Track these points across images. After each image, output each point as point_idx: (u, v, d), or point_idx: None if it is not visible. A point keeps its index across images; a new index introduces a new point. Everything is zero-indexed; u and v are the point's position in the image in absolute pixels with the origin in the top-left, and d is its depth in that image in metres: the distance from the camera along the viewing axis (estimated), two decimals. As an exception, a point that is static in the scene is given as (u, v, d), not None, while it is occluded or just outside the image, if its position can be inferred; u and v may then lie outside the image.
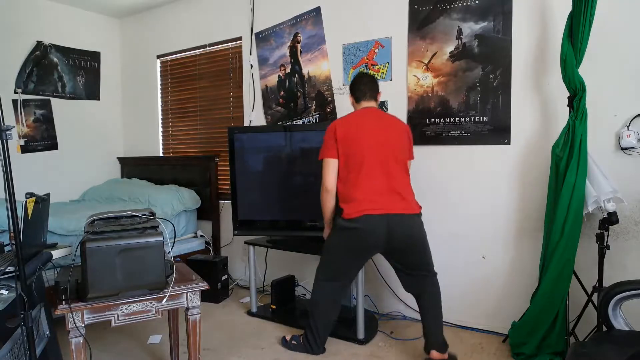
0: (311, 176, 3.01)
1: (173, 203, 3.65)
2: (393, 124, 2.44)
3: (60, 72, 4.16)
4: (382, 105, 3.09)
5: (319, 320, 2.51)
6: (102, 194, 4.06)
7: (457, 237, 2.87)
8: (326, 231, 2.54)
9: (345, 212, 2.31)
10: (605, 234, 2.23)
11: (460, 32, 2.79)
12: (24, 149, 3.91)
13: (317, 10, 3.32)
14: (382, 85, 3.08)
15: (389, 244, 2.31)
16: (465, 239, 2.85)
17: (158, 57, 4.38)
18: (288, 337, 2.64)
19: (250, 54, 3.70)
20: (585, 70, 2.26)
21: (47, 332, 1.87)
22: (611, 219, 2.19)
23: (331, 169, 2.38)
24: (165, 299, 1.97)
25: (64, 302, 1.79)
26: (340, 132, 2.36)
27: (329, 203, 2.42)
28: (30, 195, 1.76)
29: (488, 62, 2.71)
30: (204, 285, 2.08)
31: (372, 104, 2.48)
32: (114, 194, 3.97)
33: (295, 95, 3.50)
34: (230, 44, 3.87)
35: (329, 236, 2.48)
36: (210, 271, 3.41)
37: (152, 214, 2.13)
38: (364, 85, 2.48)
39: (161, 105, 4.45)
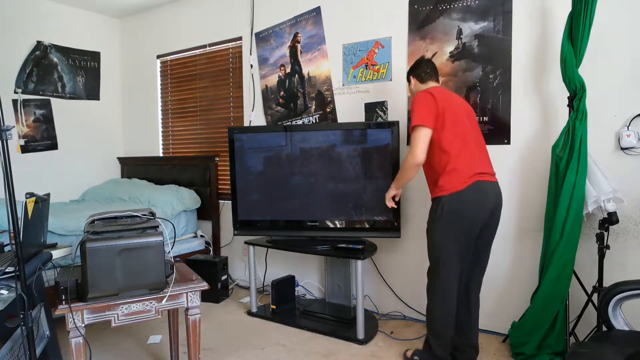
0: (311, 176, 3.02)
1: (173, 203, 3.65)
2: (467, 105, 2.40)
3: (60, 72, 4.16)
4: (382, 105, 3.09)
5: (440, 331, 2.24)
6: (102, 194, 4.06)
7: (457, 237, 2.87)
8: (392, 191, 2.45)
9: (450, 186, 2.13)
10: (605, 234, 2.23)
11: (460, 32, 2.79)
12: (24, 149, 3.91)
13: (317, 10, 3.32)
14: (382, 85, 3.09)
15: (493, 215, 2.22)
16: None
17: (158, 57, 4.38)
18: (409, 353, 2.41)
19: (250, 54, 3.70)
20: (585, 70, 2.26)
21: (47, 332, 1.87)
22: (611, 219, 2.19)
23: (426, 138, 2.17)
24: (165, 299, 1.97)
25: (64, 302, 1.80)
26: (439, 101, 2.18)
27: (413, 175, 2.29)
28: (30, 195, 1.76)
29: (488, 62, 2.71)
30: (204, 285, 2.08)
31: (438, 84, 2.44)
32: (114, 194, 3.97)
33: (295, 95, 3.50)
34: (230, 44, 3.87)
35: (432, 227, 2.24)
36: (210, 271, 3.41)
37: (152, 214, 2.13)
38: (429, 68, 2.42)
39: (161, 105, 4.45)
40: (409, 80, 2.49)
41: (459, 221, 2.16)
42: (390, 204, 2.51)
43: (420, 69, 2.42)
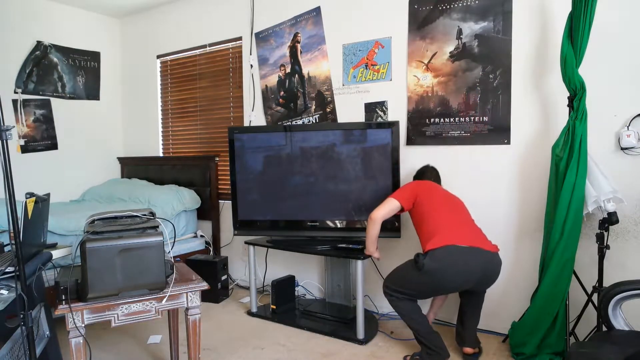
0: (311, 176, 3.02)
1: (173, 203, 3.65)
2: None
3: (60, 72, 4.16)
4: (382, 105, 3.09)
5: (425, 330, 2.40)
6: (102, 194, 4.06)
7: (457, 237, 2.87)
8: (368, 253, 2.72)
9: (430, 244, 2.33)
10: (605, 234, 2.23)
11: (460, 32, 2.79)
12: (24, 149, 3.91)
13: (317, 10, 3.32)
14: (382, 85, 3.09)
15: (481, 279, 2.37)
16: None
17: (158, 57, 4.38)
18: (408, 358, 2.49)
19: (250, 54, 3.70)
20: (585, 70, 2.26)
21: (47, 332, 1.86)
22: (611, 219, 2.19)
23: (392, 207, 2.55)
24: (165, 299, 1.97)
25: (64, 302, 1.79)
26: (419, 188, 2.55)
27: (374, 230, 2.64)
28: (30, 195, 1.76)
29: (488, 62, 2.71)
30: (204, 285, 2.08)
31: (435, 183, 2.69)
32: (114, 194, 3.97)
33: (295, 95, 3.50)
34: (230, 44, 3.87)
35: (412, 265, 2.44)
36: (210, 271, 3.41)
37: (152, 214, 2.13)
38: (433, 177, 2.73)
39: (161, 105, 4.45)
40: None
41: (436, 278, 2.28)
42: (377, 255, 2.71)
43: (421, 175, 2.75)
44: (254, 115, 3.72)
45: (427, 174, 2.75)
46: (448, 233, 2.31)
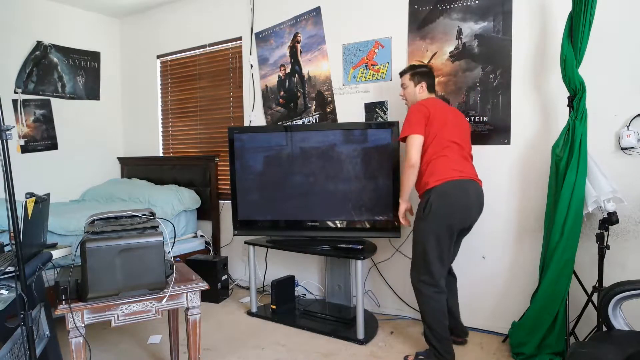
0: (311, 176, 3.02)
1: (173, 203, 3.65)
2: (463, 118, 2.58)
3: (60, 72, 4.16)
4: (382, 105, 3.09)
5: (441, 334, 2.34)
6: (102, 194, 4.06)
7: (457, 237, 2.87)
8: (402, 206, 2.52)
9: (434, 180, 2.30)
10: (605, 234, 2.23)
11: (460, 32, 2.79)
12: (24, 149, 3.91)
13: (317, 10, 3.32)
14: (382, 85, 3.09)
15: (476, 213, 2.40)
16: (465, 239, 2.84)
17: (158, 57, 4.38)
18: (411, 359, 2.44)
19: (250, 54, 3.70)
20: (585, 70, 2.26)
21: (47, 332, 1.86)
22: (611, 219, 2.19)
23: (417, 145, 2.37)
24: (165, 299, 1.97)
25: (64, 302, 1.80)
26: (431, 112, 2.38)
27: (413, 177, 2.41)
28: (30, 195, 1.76)
29: (488, 62, 2.71)
30: (204, 285, 2.08)
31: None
32: (114, 194, 3.97)
33: (295, 95, 3.50)
34: (230, 44, 3.87)
35: (420, 225, 2.37)
36: (210, 271, 3.41)
37: (152, 214, 2.13)
38: (433, 81, 2.60)
39: (161, 105, 4.45)
40: (416, 82, 2.54)
41: (445, 215, 2.30)
42: (404, 221, 2.57)
43: (431, 80, 2.58)
44: (254, 115, 3.72)
45: (434, 83, 2.60)
46: (451, 165, 2.31)
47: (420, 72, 2.55)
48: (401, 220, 2.56)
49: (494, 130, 2.72)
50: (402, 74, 2.61)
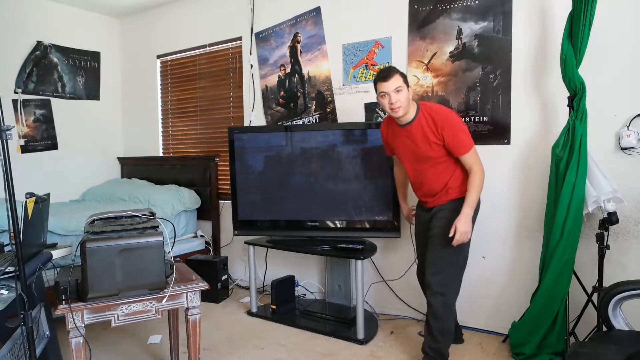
0: (311, 176, 3.02)
1: (173, 203, 3.65)
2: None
3: (60, 72, 4.16)
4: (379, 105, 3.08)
5: (447, 339, 2.34)
6: (102, 194, 4.06)
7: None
8: (469, 214, 2.19)
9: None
10: (605, 234, 2.23)
11: (460, 32, 2.79)
12: (24, 149, 3.91)
13: (317, 10, 3.32)
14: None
15: None
16: (465, 239, 2.85)
17: (158, 57, 4.38)
18: None
19: (250, 54, 3.70)
20: (585, 70, 2.26)
21: (47, 332, 1.87)
22: (611, 219, 2.19)
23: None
24: (165, 299, 1.97)
25: (64, 302, 1.79)
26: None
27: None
28: (30, 195, 1.76)
29: (488, 62, 2.71)
30: (204, 285, 2.08)
31: None
32: (114, 194, 3.97)
33: (295, 95, 3.50)
34: (230, 44, 3.87)
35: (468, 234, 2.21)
36: (210, 271, 3.41)
37: (152, 214, 2.13)
38: None
39: (161, 105, 4.44)
40: (408, 86, 2.25)
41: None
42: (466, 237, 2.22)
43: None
44: (254, 115, 3.72)
45: None
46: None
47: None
48: (464, 238, 2.19)
49: (494, 130, 2.72)
50: (391, 76, 2.19)
